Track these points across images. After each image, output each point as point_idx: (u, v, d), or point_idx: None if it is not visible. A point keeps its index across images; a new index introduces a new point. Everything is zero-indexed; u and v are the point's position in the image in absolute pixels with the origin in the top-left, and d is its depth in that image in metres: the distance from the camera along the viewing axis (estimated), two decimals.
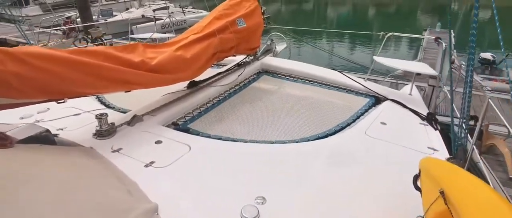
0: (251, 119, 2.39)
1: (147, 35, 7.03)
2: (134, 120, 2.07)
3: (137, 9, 18.36)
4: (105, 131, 1.89)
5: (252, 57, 3.39)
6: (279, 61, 3.48)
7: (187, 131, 2.13)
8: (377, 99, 2.72)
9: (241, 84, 3.00)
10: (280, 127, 2.26)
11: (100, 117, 1.89)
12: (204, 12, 19.36)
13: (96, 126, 1.90)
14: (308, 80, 3.11)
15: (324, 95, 2.84)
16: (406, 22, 22.29)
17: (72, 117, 2.21)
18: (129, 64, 1.88)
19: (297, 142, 2.01)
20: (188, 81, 2.61)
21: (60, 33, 9.91)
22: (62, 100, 1.74)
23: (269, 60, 3.46)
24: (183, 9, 18.24)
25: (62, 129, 2.04)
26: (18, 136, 1.54)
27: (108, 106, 2.55)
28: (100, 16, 15.82)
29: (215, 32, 2.56)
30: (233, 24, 2.75)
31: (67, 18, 14.14)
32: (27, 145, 1.50)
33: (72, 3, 16.00)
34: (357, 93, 2.85)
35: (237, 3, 2.95)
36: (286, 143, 1.98)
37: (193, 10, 19.47)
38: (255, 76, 3.24)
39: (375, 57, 3.32)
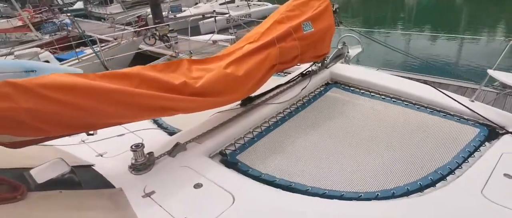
0: (316, 151, 1.91)
1: (206, 37, 6.83)
2: (176, 149, 1.77)
3: (205, 3, 18.81)
4: (141, 165, 1.63)
5: (320, 64, 2.87)
6: (353, 70, 2.87)
7: (235, 165, 1.76)
8: (492, 131, 1.98)
9: (304, 100, 2.51)
10: (354, 165, 1.75)
11: (135, 149, 1.61)
12: (269, 5, 19.06)
13: (132, 158, 1.63)
14: (391, 97, 2.48)
15: (413, 119, 2.19)
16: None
17: (116, 139, 2.00)
18: (169, 87, 1.57)
19: (377, 197, 1.48)
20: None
21: (132, 30, 10.46)
22: (92, 133, 1.49)
23: (341, 69, 2.87)
24: (248, 2, 18.14)
25: (102, 155, 1.84)
26: (37, 179, 1.32)
27: (155, 122, 2.31)
28: (170, 12, 16.53)
29: (274, 40, 2.11)
30: (297, 30, 2.27)
31: (138, 16, 15.03)
32: (43, 194, 1.26)
33: (148, 1, 16.98)
34: (460, 119, 2.12)
35: (304, 3, 2.45)
36: (361, 198, 1.47)
37: (258, 3, 19.29)
38: (322, 89, 2.71)
39: (490, 72, 2.49)
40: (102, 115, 1.38)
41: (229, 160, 1.80)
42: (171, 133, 2.11)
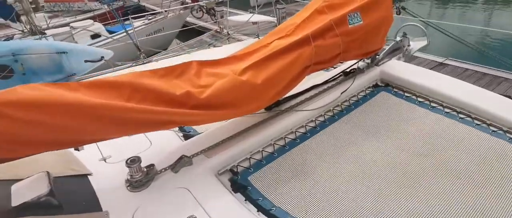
0: (353, 183, 1.52)
1: (245, 17, 6.35)
2: (180, 163, 1.52)
3: None
4: (136, 182, 1.42)
5: (369, 61, 2.39)
6: (412, 70, 2.32)
7: (244, 190, 1.47)
8: None
9: (343, 106, 2.08)
10: (404, 201, 1.35)
11: (130, 165, 1.41)
12: None
13: (127, 173, 1.44)
14: (457, 112, 1.95)
15: (489, 145, 1.68)
16: None
17: (125, 139, 1.80)
18: (168, 99, 1.31)
19: None
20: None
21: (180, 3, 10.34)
22: (78, 149, 1.29)
23: (396, 67, 2.34)
24: None
25: (105, 159, 1.67)
26: (13, 200, 1.17)
27: None
28: None
29: (309, 37, 1.71)
30: (341, 23, 1.83)
31: None
32: None
33: None
34: None
35: None
36: None
37: None
38: (368, 92, 2.23)
39: None
40: (82, 132, 1.16)
41: (239, 180, 1.52)
42: (187, 135, 1.87)
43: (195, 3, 9.57)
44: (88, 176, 1.53)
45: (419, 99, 2.09)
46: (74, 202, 1.33)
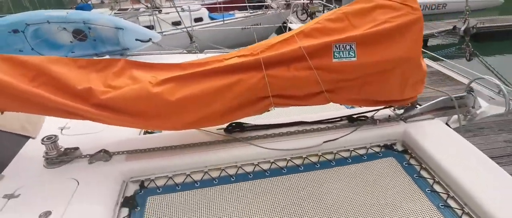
0: None
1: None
2: (97, 156, 1.51)
3: None
4: (48, 159, 1.48)
5: (393, 110, 1.78)
6: (452, 144, 1.54)
7: (132, 207, 1.33)
8: None
9: (326, 157, 1.58)
10: None
11: (45, 142, 1.46)
12: None
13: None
14: None
15: None
16: None
17: None
18: (69, 91, 1.33)
19: None
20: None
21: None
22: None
23: (432, 133, 1.61)
24: None
25: (62, 129, 1.78)
26: None
27: None
28: None
29: (260, 63, 1.38)
30: (320, 54, 1.40)
31: None
32: None
33: None
34: None
35: (369, 9, 1.46)
36: None
37: None
38: (372, 151, 1.61)
39: None
40: None
41: (136, 197, 1.39)
42: (147, 131, 1.83)
43: (300, 1, 9.32)
44: (29, 139, 1.66)
45: (437, 188, 1.37)
46: None
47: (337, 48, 1.37)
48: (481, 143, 3.63)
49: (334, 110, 1.81)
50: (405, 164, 1.51)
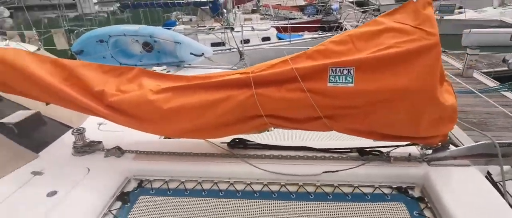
0: None
1: None
2: (112, 152, 1.70)
3: (494, 8, 14.43)
4: (75, 148, 1.73)
5: (420, 150, 1.57)
6: (490, 201, 1.27)
7: (125, 202, 1.44)
8: None
9: (324, 189, 1.47)
10: None
11: (74, 133, 1.71)
12: None
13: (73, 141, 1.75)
14: None
15: None
16: None
17: None
18: (88, 91, 1.55)
19: None
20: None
21: None
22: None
23: (458, 180, 1.37)
24: None
25: (100, 125, 2.03)
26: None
27: None
28: (438, 11, 14.04)
29: (250, 81, 1.39)
30: (314, 76, 1.33)
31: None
32: None
33: None
34: None
35: (377, 32, 1.34)
36: None
37: None
38: (380, 191, 1.44)
39: None
40: (31, 93, 1.64)
41: (131, 193, 1.51)
42: None
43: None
44: (71, 129, 1.87)
45: None
46: (32, 136, 1.83)
47: (333, 72, 1.28)
48: None
49: (349, 139, 1.64)
50: (416, 213, 1.27)
